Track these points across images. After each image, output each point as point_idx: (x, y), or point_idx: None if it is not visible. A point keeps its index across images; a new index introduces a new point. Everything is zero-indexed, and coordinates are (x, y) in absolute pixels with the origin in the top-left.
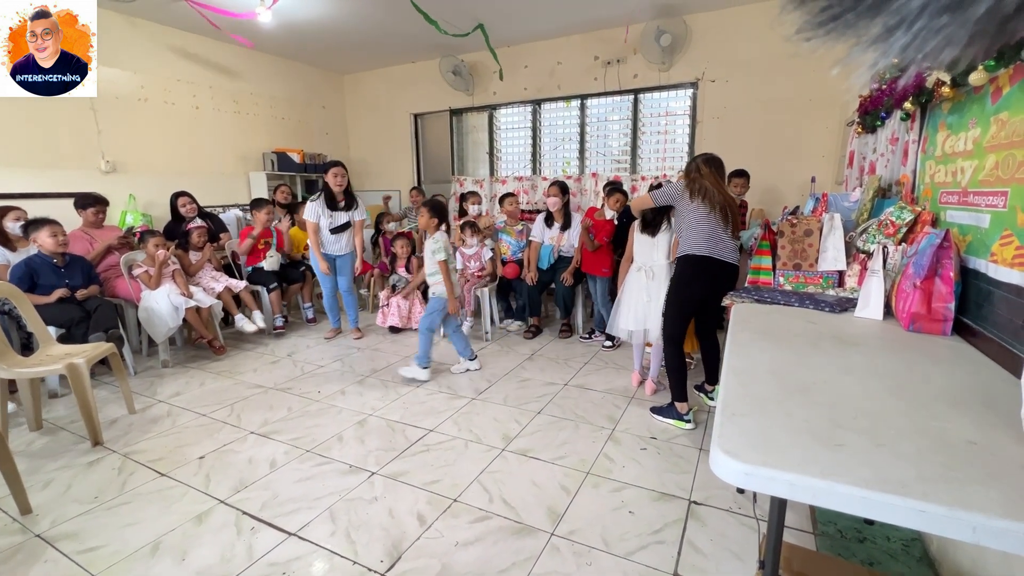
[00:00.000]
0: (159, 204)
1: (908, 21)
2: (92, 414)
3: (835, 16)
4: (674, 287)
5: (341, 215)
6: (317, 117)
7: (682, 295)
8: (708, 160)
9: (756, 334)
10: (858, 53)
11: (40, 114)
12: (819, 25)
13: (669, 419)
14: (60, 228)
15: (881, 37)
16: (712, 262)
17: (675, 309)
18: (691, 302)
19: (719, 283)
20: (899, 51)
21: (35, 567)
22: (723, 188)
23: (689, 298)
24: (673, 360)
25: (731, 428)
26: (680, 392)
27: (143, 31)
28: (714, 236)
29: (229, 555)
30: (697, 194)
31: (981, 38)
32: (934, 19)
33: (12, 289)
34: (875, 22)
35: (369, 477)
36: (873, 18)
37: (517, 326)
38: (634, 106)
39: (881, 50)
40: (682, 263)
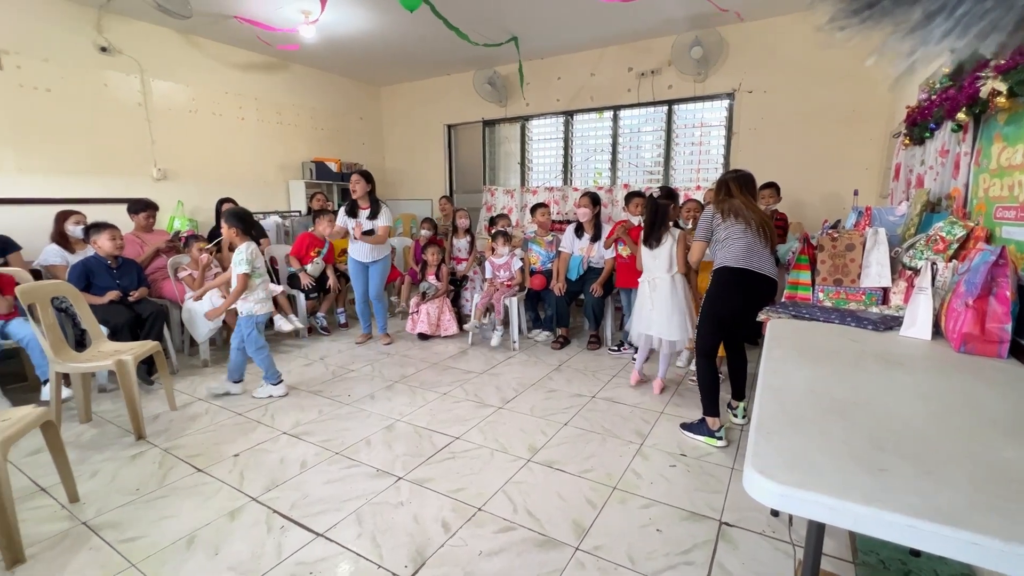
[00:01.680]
0: (205, 210)
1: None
2: (137, 409)
3: (871, 3)
4: (709, 300)
5: (365, 223)
6: (354, 128)
7: (717, 308)
8: (738, 178)
9: (793, 350)
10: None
11: (102, 125)
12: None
13: (700, 436)
14: (118, 232)
15: (920, 24)
16: (750, 275)
17: (710, 322)
18: (726, 316)
19: (757, 297)
20: (940, 38)
21: (80, 553)
22: (755, 205)
23: (725, 312)
24: (705, 374)
25: (766, 447)
26: (712, 407)
27: (196, 47)
28: (751, 249)
29: (259, 552)
30: (728, 214)
31: None
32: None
33: (71, 288)
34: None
35: (396, 482)
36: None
37: (545, 336)
38: (668, 117)
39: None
40: (718, 276)
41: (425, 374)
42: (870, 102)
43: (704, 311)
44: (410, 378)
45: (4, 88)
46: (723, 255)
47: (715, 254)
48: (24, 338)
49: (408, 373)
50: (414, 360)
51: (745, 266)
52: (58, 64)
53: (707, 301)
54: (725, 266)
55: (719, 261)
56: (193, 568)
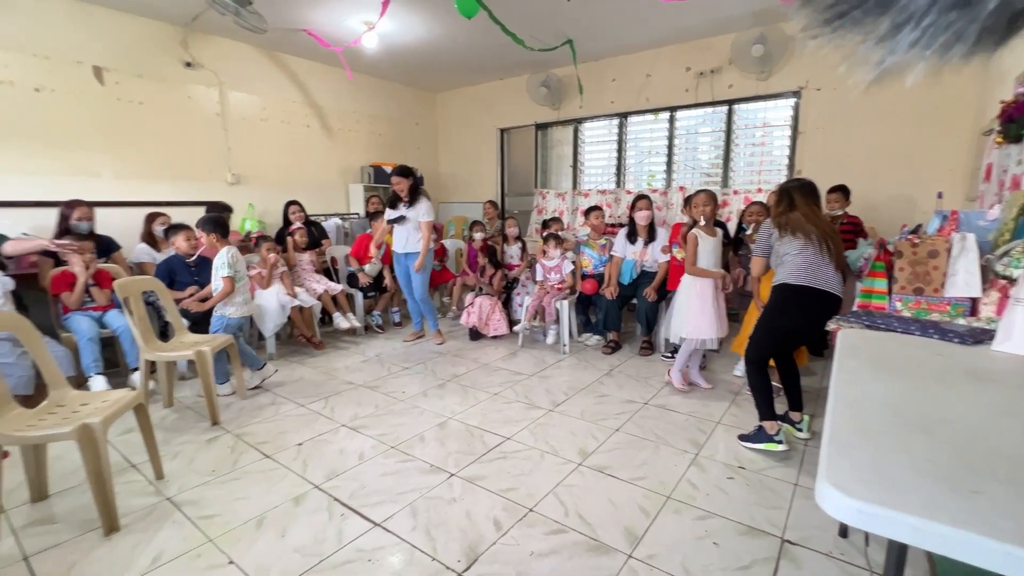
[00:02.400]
0: (273, 212)
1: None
2: (213, 397)
3: (842, 13)
4: (767, 314)
5: (400, 210)
6: (411, 133)
7: (774, 323)
8: (801, 188)
9: (868, 362)
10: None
11: (185, 134)
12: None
13: (760, 444)
14: (192, 232)
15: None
16: (811, 292)
17: (764, 335)
18: (783, 331)
19: (819, 313)
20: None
21: (165, 526)
22: (819, 216)
23: (781, 327)
24: (756, 379)
25: (841, 461)
26: (768, 411)
27: (268, 60)
28: (813, 265)
29: (322, 537)
30: (786, 229)
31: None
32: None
33: (158, 283)
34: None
35: (448, 478)
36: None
37: (596, 340)
38: (728, 117)
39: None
40: (778, 293)
41: (476, 374)
42: (954, 97)
43: (761, 323)
44: (461, 377)
45: (105, 102)
46: (783, 271)
47: (776, 269)
48: (118, 328)
49: (459, 372)
50: (465, 360)
51: (806, 283)
52: (149, 79)
53: (765, 314)
54: (784, 283)
55: (779, 277)
56: (263, 547)
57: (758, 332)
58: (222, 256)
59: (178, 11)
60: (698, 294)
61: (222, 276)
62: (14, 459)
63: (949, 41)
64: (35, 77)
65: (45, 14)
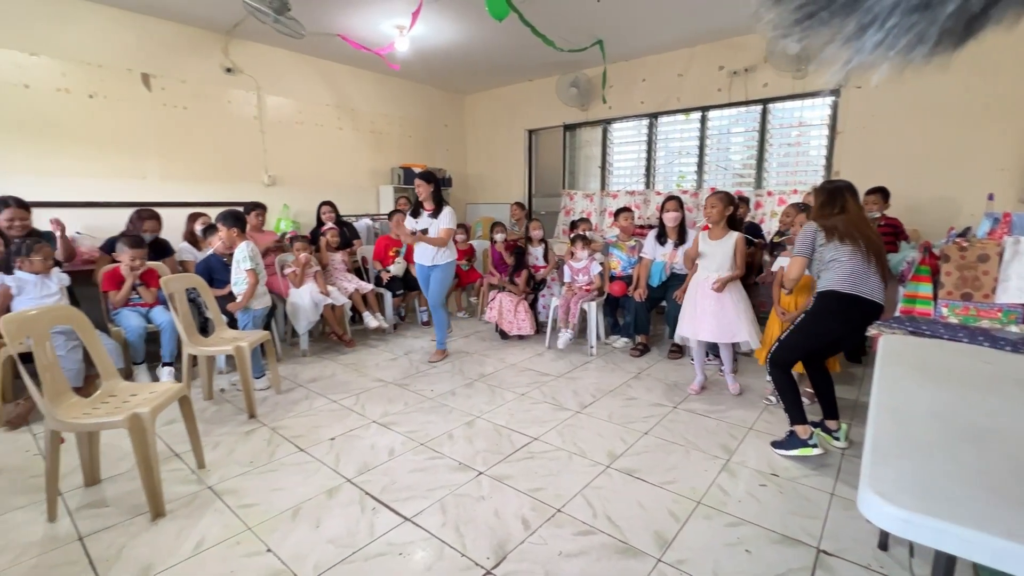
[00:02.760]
0: (307, 212)
1: (881, 19)
2: (250, 391)
3: (811, 14)
4: (808, 321)
5: (424, 222)
6: (440, 135)
7: (815, 330)
8: (852, 190)
9: (912, 369)
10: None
11: (224, 137)
12: (795, 23)
13: (794, 450)
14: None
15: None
16: (860, 301)
17: (801, 340)
18: (821, 339)
19: (861, 323)
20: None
21: (207, 513)
22: (867, 224)
23: (821, 334)
24: (783, 383)
25: (885, 469)
26: (799, 415)
27: (303, 64)
28: (860, 273)
29: (354, 529)
30: (834, 233)
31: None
32: (905, 17)
33: (199, 281)
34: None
35: (477, 476)
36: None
37: (623, 343)
38: (762, 117)
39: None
40: (824, 300)
41: (503, 374)
42: (1006, 95)
43: (799, 328)
44: (488, 377)
45: (151, 107)
46: (830, 278)
47: (818, 274)
48: (163, 323)
49: (487, 372)
50: (492, 360)
51: (854, 292)
52: (192, 85)
53: (808, 320)
54: (832, 290)
55: (825, 284)
56: (299, 537)
57: (794, 336)
58: (242, 250)
59: (220, 18)
60: (702, 294)
61: (245, 269)
62: (69, 444)
63: (911, 42)
64: (89, 84)
65: (99, 25)
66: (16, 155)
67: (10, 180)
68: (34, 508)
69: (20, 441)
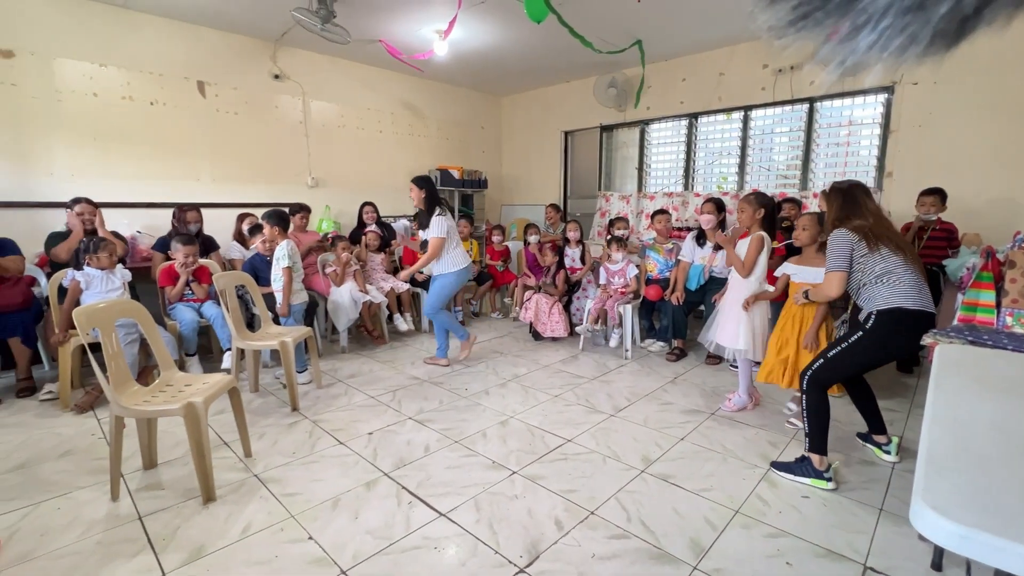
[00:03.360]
0: (348, 213)
1: (874, 20)
2: (294, 384)
3: (805, 15)
4: (870, 340)
5: (420, 234)
6: (476, 137)
7: (876, 351)
8: (863, 188)
9: (972, 381)
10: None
11: (272, 140)
12: (790, 24)
13: (804, 477)
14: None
15: (850, 35)
16: (926, 316)
17: (856, 359)
18: (882, 359)
19: (920, 339)
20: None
21: (253, 500)
22: (894, 227)
23: (885, 355)
24: (818, 404)
25: (940, 483)
26: (821, 443)
27: (346, 69)
28: (921, 285)
29: (391, 522)
30: (877, 241)
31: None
32: (898, 18)
33: (248, 278)
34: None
35: (510, 475)
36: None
37: (659, 347)
38: (808, 116)
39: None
40: (890, 318)
41: (537, 375)
42: None
43: (853, 347)
44: (522, 378)
45: (206, 113)
46: (889, 293)
47: (870, 289)
48: (212, 317)
49: (520, 373)
50: (526, 361)
51: (922, 308)
52: (243, 91)
53: (864, 341)
54: (899, 308)
55: (885, 300)
56: (338, 527)
57: (848, 356)
58: (282, 248)
59: (269, 28)
60: (729, 300)
61: (282, 267)
62: (130, 430)
63: (904, 43)
64: (151, 92)
65: (160, 36)
66: (86, 159)
67: (80, 182)
68: (98, 488)
69: (87, 425)
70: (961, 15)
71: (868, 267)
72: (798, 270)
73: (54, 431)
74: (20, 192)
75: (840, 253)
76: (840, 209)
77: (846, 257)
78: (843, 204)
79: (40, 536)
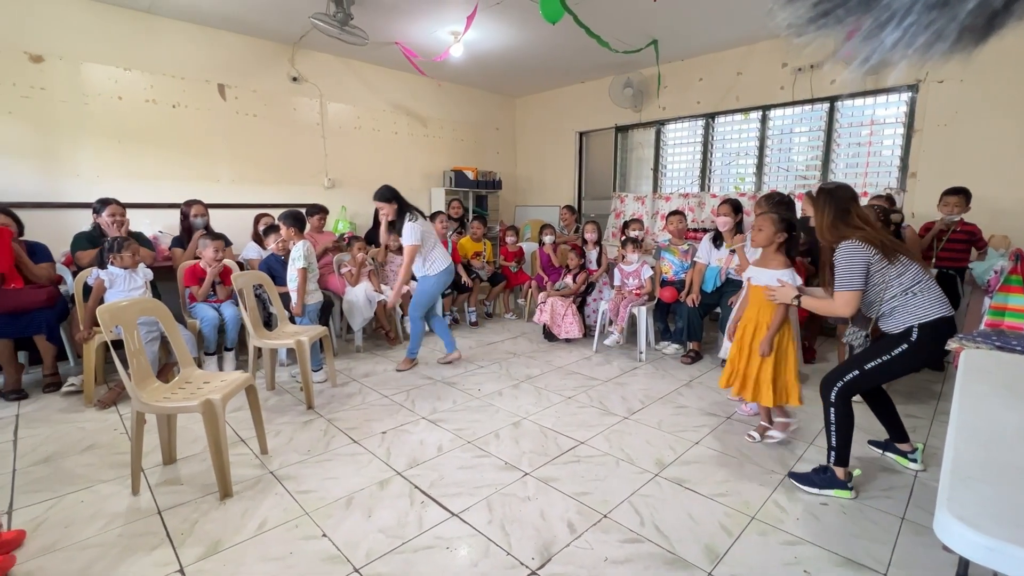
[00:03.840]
0: (363, 214)
1: (899, 16)
2: (309, 383)
3: (826, 12)
4: (912, 353)
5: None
6: (490, 138)
7: (913, 363)
8: (853, 195)
9: (1000, 387)
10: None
11: (289, 142)
12: (810, 21)
13: (828, 490)
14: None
15: (873, 32)
16: (951, 321)
17: (892, 369)
18: (914, 371)
19: None
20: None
21: (269, 496)
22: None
23: (917, 367)
24: (844, 416)
25: (966, 493)
26: (846, 454)
27: (362, 71)
28: (940, 288)
29: (404, 521)
30: (895, 256)
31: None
32: (924, 15)
33: (266, 277)
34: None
35: (523, 477)
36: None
37: (674, 349)
38: (829, 115)
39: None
40: (936, 330)
41: (550, 376)
42: None
43: (892, 363)
44: (535, 379)
45: (227, 115)
46: (928, 303)
47: (901, 301)
48: (228, 316)
49: (533, 374)
50: (539, 362)
51: (952, 312)
52: (262, 94)
53: (906, 354)
54: (942, 318)
55: (927, 312)
56: (352, 525)
57: (885, 369)
58: (298, 249)
59: (288, 31)
60: None
61: (297, 268)
62: (150, 425)
63: (930, 40)
64: (173, 95)
65: (182, 40)
66: (111, 160)
67: (105, 183)
68: (120, 482)
69: (109, 420)
70: (989, 10)
71: (889, 279)
72: (757, 272)
73: (78, 426)
74: (48, 193)
75: (857, 270)
76: (836, 217)
77: (862, 274)
78: (839, 211)
79: (64, 528)
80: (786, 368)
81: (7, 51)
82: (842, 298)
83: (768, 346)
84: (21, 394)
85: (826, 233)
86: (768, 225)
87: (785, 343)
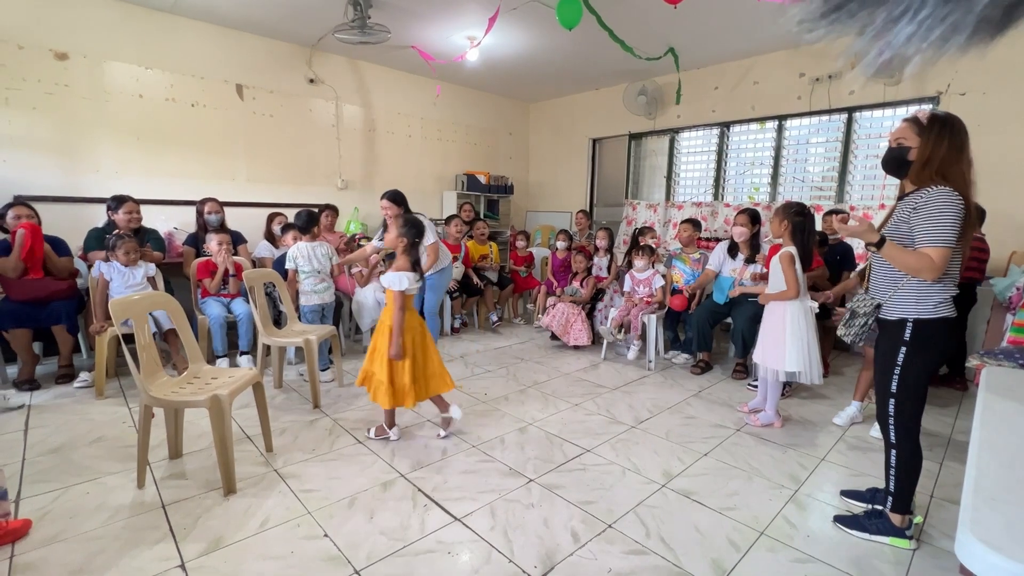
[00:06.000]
0: (376, 216)
1: (913, 10)
2: (316, 382)
3: (838, 6)
4: (911, 354)
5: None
6: (503, 142)
7: (924, 363)
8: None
9: (1022, 405)
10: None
11: (305, 143)
12: (822, 16)
13: (881, 536)
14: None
15: (886, 27)
16: (951, 323)
17: (912, 376)
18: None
19: None
20: (904, 41)
21: (272, 494)
22: None
23: (928, 367)
24: (911, 456)
25: (990, 515)
26: (910, 500)
27: (377, 74)
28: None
29: (406, 524)
30: (970, 227)
31: (987, 24)
32: (939, 7)
33: (277, 276)
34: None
35: (527, 483)
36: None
37: (684, 359)
38: (847, 126)
39: (886, 40)
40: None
41: (557, 383)
42: None
43: (904, 370)
44: (542, 385)
45: (244, 115)
46: (935, 296)
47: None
48: (241, 314)
49: (540, 380)
50: (546, 368)
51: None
52: (279, 95)
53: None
54: (943, 318)
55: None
56: (354, 526)
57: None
58: (291, 251)
59: (306, 33)
60: (770, 322)
61: (286, 268)
62: (157, 419)
63: (946, 33)
64: (192, 94)
65: (202, 40)
66: (130, 157)
67: (125, 180)
68: (126, 475)
69: (118, 413)
70: (1007, 1)
71: None
72: None
73: (88, 417)
74: (68, 188)
75: (955, 224)
76: (949, 148)
77: (956, 230)
78: (953, 142)
79: (69, 519)
80: None
81: (33, 48)
82: (938, 254)
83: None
84: (34, 384)
85: (934, 165)
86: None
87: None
